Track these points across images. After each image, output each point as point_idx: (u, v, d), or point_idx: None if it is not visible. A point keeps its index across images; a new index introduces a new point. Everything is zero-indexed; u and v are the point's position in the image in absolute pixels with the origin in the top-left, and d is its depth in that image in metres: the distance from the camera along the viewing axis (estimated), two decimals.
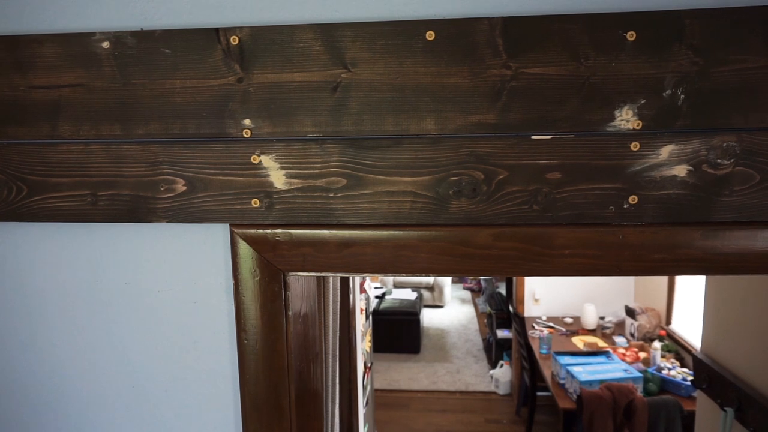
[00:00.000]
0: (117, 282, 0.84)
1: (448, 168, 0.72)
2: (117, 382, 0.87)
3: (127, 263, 0.83)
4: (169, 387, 0.86)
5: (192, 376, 0.85)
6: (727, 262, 0.72)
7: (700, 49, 0.66)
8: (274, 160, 0.74)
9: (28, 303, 0.86)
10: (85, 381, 0.87)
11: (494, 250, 0.74)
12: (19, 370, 0.88)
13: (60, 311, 0.86)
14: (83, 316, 0.85)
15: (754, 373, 1.58)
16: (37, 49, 0.76)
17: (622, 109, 0.69)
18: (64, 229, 0.83)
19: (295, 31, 0.71)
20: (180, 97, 0.74)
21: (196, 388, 0.85)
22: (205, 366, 0.85)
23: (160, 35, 0.73)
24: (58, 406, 0.89)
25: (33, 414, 0.90)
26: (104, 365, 0.86)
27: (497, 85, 0.70)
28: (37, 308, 0.86)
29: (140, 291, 0.83)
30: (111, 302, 0.84)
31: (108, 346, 0.86)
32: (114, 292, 0.84)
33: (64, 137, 0.77)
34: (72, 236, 0.83)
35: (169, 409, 0.86)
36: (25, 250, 0.85)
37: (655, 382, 3.50)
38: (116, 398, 0.87)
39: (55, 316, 0.86)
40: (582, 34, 0.68)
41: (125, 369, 0.86)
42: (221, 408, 0.85)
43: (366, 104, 0.71)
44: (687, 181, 0.70)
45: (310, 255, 0.77)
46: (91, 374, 0.87)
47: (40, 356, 0.87)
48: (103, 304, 0.84)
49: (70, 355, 0.87)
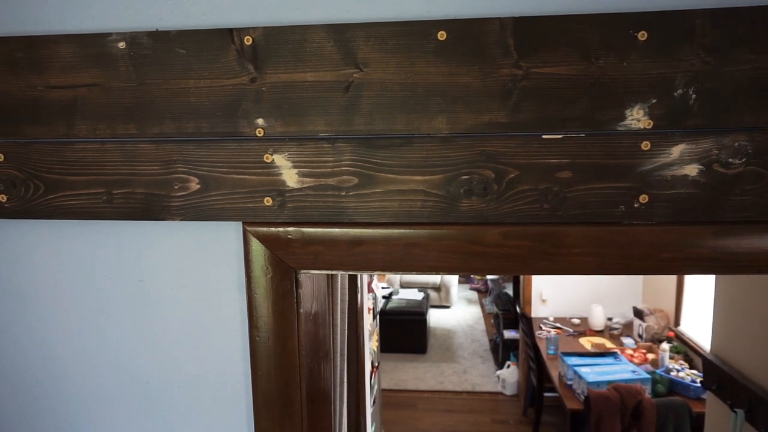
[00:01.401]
0: (131, 279, 0.85)
1: (459, 167, 0.73)
2: (131, 377, 0.88)
3: (140, 261, 0.84)
4: (183, 383, 0.87)
5: (205, 372, 0.86)
6: (738, 262, 0.72)
7: (711, 49, 0.67)
8: (286, 159, 0.75)
9: (43, 299, 0.87)
10: (100, 377, 0.88)
11: (504, 249, 0.74)
12: (34, 366, 0.90)
13: (74, 307, 0.87)
14: (98, 312, 0.87)
15: (764, 374, 1.57)
16: (54, 50, 0.77)
17: (632, 108, 0.69)
18: (79, 226, 0.84)
19: (307, 32, 0.72)
20: (194, 97, 0.75)
21: (208, 384, 0.86)
22: (217, 363, 0.86)
23: (175, 36, 0.74)
24: (72, 401, 0.90)
25: (47, 410, 0.91)
26: (116, 361, 0.88)
27: (508, 85, 0.70)
28: (52, 304, 0.87)
29: (154, 288, 0.85)
30: (125, 299, 0.85)
31: (122, 341, 0.87)
32: (128, 289, 0.85)
33: (80, 136, 0.78)
34: (87, 234, 0.84)
35: (183, 405, 0.88)
36: (41, 247, 0.86)
37: (664, 384, 3.48)
38: (130, 394, 0.88)
39: (69, 313, 0.87)
40: (593, 34, 0.68)
41: (138, 365, 0.87)
42: (234, 405, 0.86)
43: (377, 104, 0.72)
44: (698, 181, 0.70)
45: (321, 253, 0.78)
46: (104, 370, 0.88)
47: (56, 352, 0.89)
48: (117, 300, 0.86)
49: (84, 351, 0.88)
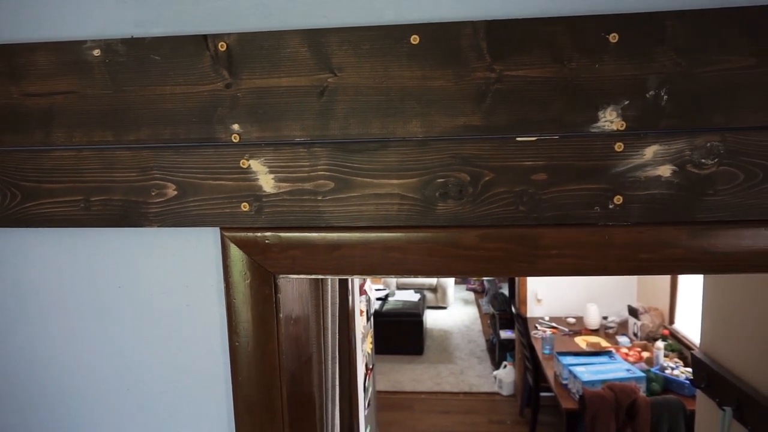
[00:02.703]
0: (110, 286, 0.85)
1: (435, 170, 0.73)
2: (111, 385, 0.88)
3: (119, 268, 0.84)
4: (164, 389, 0.87)
5: (186, 378, 0.86)
6: (713, 261, 0.73)
7: (682, 50, 0.67)
8: (262, 164, 0.75)
9: (23, 307, 0.87)
10: (80, 384, 0.88)
11: (481, 251, 0.75)
12: (13, 373, 0.89)
13: (54, 315, 0.87)
14: (77, 321, 0.86)
15: (752, 372, 1.58)
16: (30, 57, 0.77)
17: (605, 110, 0.69)
18: (57, 234, 0.84)
19: (282, 37, 0.72)
20: (170, 103, 0.75)
21: (190, 390, 0.86)
22: (198, 368, 0.85)
23: (150, 42, 0.74)
24: (52, 409, 0.90)
25: (26, 417, 0.91)
26: (98, 368, 0.87)
27: (482, 88, 0.70)
28: (32, 312, 0.87)
29: (133, 295, 0.84)
30: (104, 306, 0.85)
31: (102, 349, 0.87)
32: (107, 296, 0.85)
33: (57, 144, 0.78)
34: (65, 241, 0.84)
35: (164, 411, 0.87)
36: (19, 256, 0.86)
37: (659, 382, 3.49)
38: (111, 401, 0.88)
39: (49, 321, 0.87)
40: (565, 37, 0.68)
41: (119, 372, 0.87)
42: (215, 409, 0.86)
43: (352, 108, 0.72)
44: (671, 181, 0.70)
45: (299, 257, 0.78)
46: (85, 377, 0.88)
47: (34, 360, 0.88)
48: (96, 308, 0.86)
49: (65, 358, 0.88)
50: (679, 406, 3.20)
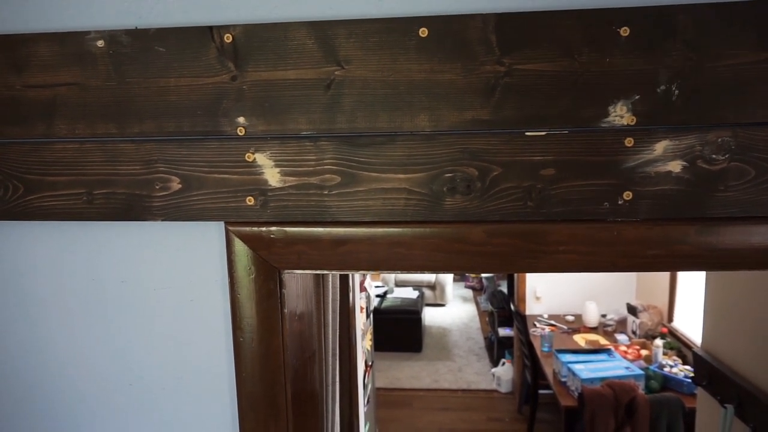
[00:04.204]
0: (113, 280, 0.84)
1: (442, 165, 0.72)
2: (114, 380, 0.87)
3: (122, 262, 0.83)
4: (167, 385, 0.86)
5: (189, 374, 0.85)
6: (723, 258, 0.72)
7: (693, 45, 0.66)
8: (268, 157, 0.74)
9: (25, 301, 0.86)
10: (82, 379, 0.88)
11: (488, 247, 0.74)
12: (15, 368, 0.89)
13: (56, 310, 0.86)
14: (79, 315, 0.86)
15: (753, 370, 1.58)
16: (33, 48, 0.76)
17: (615, 104, 0.69)
18: (60, 227, 0.83)
19: (288, 29, 0.71)
20: (174, 96, 0.74)
21: (193, 386, 0.86)
22: (202, 364, 0.85)
23: (155, 34, 0.73)
24: (55, 405, 0.89)
25: (29, 413, 0.90)
26: (101, 363, 0.87)
27: (491, 82, 0.69)
28: (34, 306, 0.86)
29: (136, 289, 0.84)
30: (107, 301, 0.84)
31: (104, 344, 0.86)
32: (110, 290, 0.84)
33: (59, 136, 0.77)
34: (68, 235, 0.83)
35: (167, 407, 0.87)
36: (21, 249, 0.85)
37: (657, 380, 3.49)
38: (114, 396, 0.87)
39: (51, 315, 0.86)
40: (575, 30, 0.67)
41: (122, 367, 0.86)
42: (218, 405, 0.86)
43: (360, 101, 0.71)
44: (682, 177, 0.70)
45: (305, 252, 0.77)
46: (87, 372, 0.87)
47: (36, 354, 0.88)
48: (99, 302, 0.85)
49: (67, 353, 0.87)
50: (677, 403, 3.20)
